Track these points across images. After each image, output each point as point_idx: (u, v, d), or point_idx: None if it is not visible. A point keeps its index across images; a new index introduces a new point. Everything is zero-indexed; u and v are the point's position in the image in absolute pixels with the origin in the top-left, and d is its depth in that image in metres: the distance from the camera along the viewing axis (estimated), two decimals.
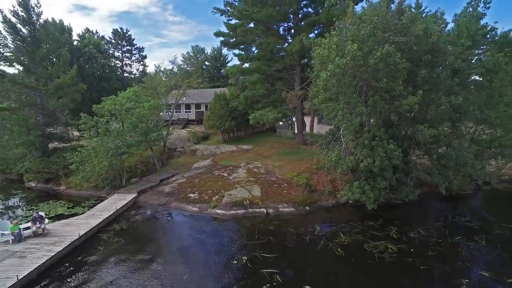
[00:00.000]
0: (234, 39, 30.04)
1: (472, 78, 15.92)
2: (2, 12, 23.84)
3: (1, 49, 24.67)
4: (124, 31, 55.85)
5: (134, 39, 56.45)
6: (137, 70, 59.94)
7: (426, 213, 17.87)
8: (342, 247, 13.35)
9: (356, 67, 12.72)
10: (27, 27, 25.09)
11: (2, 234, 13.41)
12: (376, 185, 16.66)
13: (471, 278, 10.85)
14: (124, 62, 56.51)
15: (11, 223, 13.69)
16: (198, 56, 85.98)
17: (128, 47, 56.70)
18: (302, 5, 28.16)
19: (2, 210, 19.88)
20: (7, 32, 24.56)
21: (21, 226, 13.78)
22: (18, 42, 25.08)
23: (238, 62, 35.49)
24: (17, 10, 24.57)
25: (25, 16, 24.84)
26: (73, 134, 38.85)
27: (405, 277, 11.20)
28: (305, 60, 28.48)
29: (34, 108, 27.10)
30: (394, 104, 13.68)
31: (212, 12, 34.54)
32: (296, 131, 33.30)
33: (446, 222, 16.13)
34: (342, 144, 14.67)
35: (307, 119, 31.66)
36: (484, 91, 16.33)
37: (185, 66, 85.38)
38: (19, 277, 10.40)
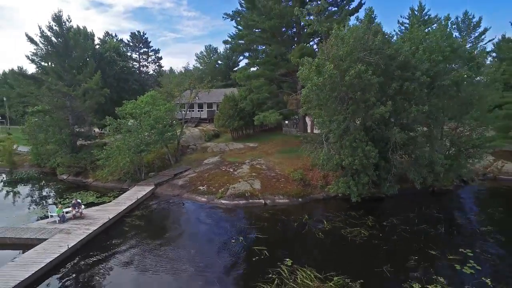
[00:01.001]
0: (241, 46, 32.78)
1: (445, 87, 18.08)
2: (40, 28, 27.38)
3: (39, 60, 28.26)
4: (141, 33, 59.42)
5: (150, 42, 60.07)
6: (153, 70, 63.63)
7: (404, 205, 20.30)
8: (323, 232, 16.11)
9: (334, 83, 15.31)
10: (59, 39, 28.60)
11: (51, 215, 16.87)
12: (360, 181, 19.29)
13: (420, 255, 13.43)
14: (141, 63, 60.14)
15: (57, 207, 17.09)
16: (211, 55, 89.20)
17: (144, 49, 60.31)
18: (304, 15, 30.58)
19: (46, 198, 23.53)
20: (43, 44, 28.13)
21: (64, 210, 17.14)
22: (52, 53, 28.62)
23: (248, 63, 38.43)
24: (52, 24, 28.09)
25: (58, 29, 28.35)
26: (94, 131, 42.65)
27: (367, 254, 13.85)
28: None
29: (65, 110, 30.70)
30: (369, 112, 16.20)
31: (223, 17, 37.50)
32: (299, 131, 35.94)
33: (418, 213, 18.61)
34: (324, 145, 17.34)
35: (309, 119, 34.20)
36: (453, 100, 18.56)
37: (199, 65, 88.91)
38: (69, 246, 13.69)
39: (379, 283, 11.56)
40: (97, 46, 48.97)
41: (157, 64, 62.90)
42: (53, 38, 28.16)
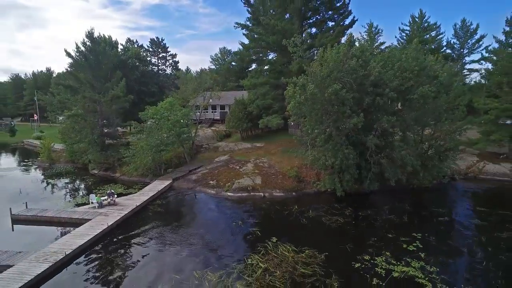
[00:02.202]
0: (249, 57, 36.65)
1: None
2: (76, 45, 32.13)
3: (75, 72, 33.06)
4: (159, 39, 64.16)
5: (168, 47, 64.70)
6: (171, 74, 68.28)
7: (383, 200, 23.71)
8: (306, 219, 19.86)
9: (315, 98, 18.89)
10: (92, 53, 33.26)
11: (92, 202, 21.34)
12: (344, 178, 22.88)
13: (379, 237, 16.97)
14: (159, 67, 64.92)
15: (96, 196, 21.54)
16: (225, 57, 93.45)
17: (163, 54, 65.02)
18: (304, 31, 34.16)
19: (82, 189, 28.24)
20: (78, 58, 32.86)
21: (101, 198, 21.56)
22: (86, 65, 33.33)
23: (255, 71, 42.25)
24: (85, 41, 32.76)
25: (91, 45, 33.01)
26: (117, 130, 47.53)
27: (336, 236, 17.49)
28: None
29: (95, 114, 35.45)
30: (346, 122, 19.71)
31: (234, 27, 41.28)
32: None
33: (392, 207, 22.06)
34: (309, 149, 21.05)
35: None
36: (421, 110, 21.76)
37: (213, 66, 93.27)
38: (109, 224, 18.04)
39: (339, 255, 15.25)
40: (120, 52, 53.94)
41: (174, 67, 67.56)
42: (87, 53, 32.81)
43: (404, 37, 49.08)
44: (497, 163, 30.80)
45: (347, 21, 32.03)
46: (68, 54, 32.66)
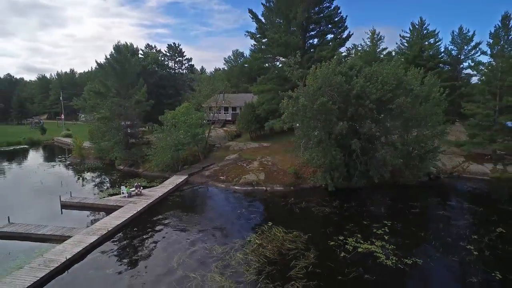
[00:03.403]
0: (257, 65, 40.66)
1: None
2: (106, 57, 36.95)
3: (104, 80, 37.92)
4: (176, 45, 68.85)
5: (184, 52, 69.31)
6: (186, 73, 73.17)
7: (369, 195, 27.26)
8: (299, 209, 23.80)
9: (306, 109, 22.73)
10: (118, 64, 38.00)
11: (122, 192, 25.91)
12: (334, 175, 26.66)
13: (355, 223, 20.71)
14: (176, 71, 69.68)
15: (126, 187, 26.12)
16: (238, 59, 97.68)
17: (179, 58, 69.69)
18: (307, 42, 37.87)
19: (111, 181, 33.00)
20: (106, 69, 37.66)
21: (130, 189, 26.10)
22: (113, 74, 38.12)
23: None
24: (113, 53, 37.50)
25: (117, 57, 37.74)
26: (139, 131, 52.44)
27: (321, 222, 21.36)
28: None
29: (120, 117, 40.23)
30: (333, 128, 23.47)
31: (245, 35, 45.21)
32: None
33: (374, 200, 25.74)
34: (301, 150, 24.95)
35: None
36: (399, 118, 25.24)
37: (226, 68, 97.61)
38: (137, 210, 22.52)
39: (320, 236, 19.14)
40: (140, 57, 58.88)
41: (190, 70, 72.37)
42: (114, 64, 37.58)
43: (405, 43, 51.92)
44: (481, 164, 33.80)
45: (344, 35, 35.58)
46: (100, 65, 37.51)
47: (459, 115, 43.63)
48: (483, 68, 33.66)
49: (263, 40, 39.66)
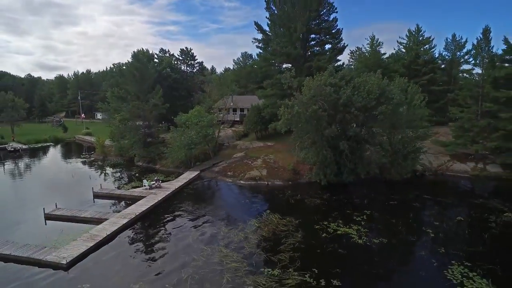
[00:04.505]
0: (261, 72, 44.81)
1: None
2: (127, 65, 41.53)
3: (125, 86, 42.60)
4: (188, 49, 73.41)
5: (196, 56, 73.82)
6: (197, 73, 77.79)
7: (357, 189, 31.13)
8: (295, 200, 27.89)
9: (300, 115, 26.75)
10: (138, 71, 42.59)
11: (144, 185, 30.46)
12: (326, 172, 30.63)
13: (339, 212, 24.69)
14: (188, 74, 74.26)
15: (147, 181, 30.67)
16: (246, 61, 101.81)
17: (191, 62, 74.23)
18: (308, 51, 41.74)
19: (132, 176, 37.66)
20: (127, 75, 42.29)
21: (151, 182, 30.62)
22: (133, 81, 42.75)
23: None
24: (133, 61, 42.10)
25: (137, 64, 42.32)
26: (154, 131, 57.19)
27: (311, 211, 25.38)
28: None
29: (139, 118, 44.90)
30: (323, 131, 27.47)
31: (252, 42, 49.20)
32: None
33: (360, 194, 29.63)
34: (297, 150, 29.03)
35: None
36: (382, 122, 29.06)
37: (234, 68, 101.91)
38: (158, 199, 27.00)
39: (308, 221, 23.15)
40: (156, 63, 63.56)
41: (201, 73, 76.95)
42: (134, 72, 42.20)
43: (402, 49, 55.16)
44: (464, 163, 37.20)
45: (340, 45, 39.27)
46: (121, 72, 42.20)
47: (451, 118, 46.89)
48: (467, 75, 36.95)
49: (268, 48, 43.71)
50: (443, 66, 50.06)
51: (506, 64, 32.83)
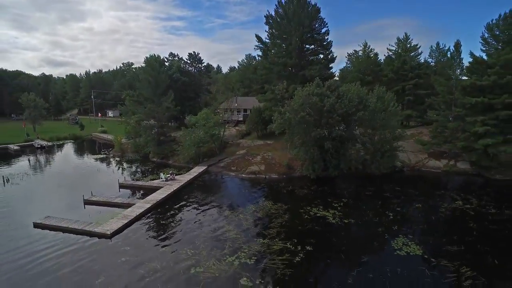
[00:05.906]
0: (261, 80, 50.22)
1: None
2: (141, 71, 47.22)
3: (141, 91, 48.30)
4: (195, 53, 79.01)
5: (203, 59, 79.49)
6: (205, 81, 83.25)
7: (340, 182, 36.54)
8: (287, 191, 33.42)
9: (291, 120, 32.19)
10: (152, 77, 48.26)
11: (161, 177, 36.23)
12: (314, 167, 36.09)
13: (322, 200, 30.13)
14: (195, 77, 79.92)
15: (163, 174, 36.45)
16: (251, 62, 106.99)
17: (198, 65, 79.84)
18: (303, 60, 46.99)
19: (148, 170, 43.50)
20: (141, 82, 47.99)
21: (167, 175, 36.36)
22: (148, 86, 48.45)
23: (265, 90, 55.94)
24: (146, 67, 47.75)
25: (151, 72, 48.00)
26: (166, 131, 62.97)
27: (298, 198, 30.87)
28: None
29: (153, 119, 50.67)
30: (311, 133, 32.91)
31: (254, 48, 54.58)
32: None
33: (343, 185, 35.05)
34: (288, 148, 34.48)
35: None
36: (362, 126, 34.36)
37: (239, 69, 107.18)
38: (173, 189, 32.73)
39: (295, 207, 28.63)
40: (167, 67, 69.31)
41: (207, 75, 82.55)
42: (149, 77, 47.87)
43: (392, 56, 60.06)
44: (438, 160, 42.37)
45: (330, 56, 44.56)
46: (137, 78, 47.88)
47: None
48: (442, 81, 41.94)
49: (267, 62, 49.13)
50: (427, 72, 54.83)
51: (472, 75, 37.72)
